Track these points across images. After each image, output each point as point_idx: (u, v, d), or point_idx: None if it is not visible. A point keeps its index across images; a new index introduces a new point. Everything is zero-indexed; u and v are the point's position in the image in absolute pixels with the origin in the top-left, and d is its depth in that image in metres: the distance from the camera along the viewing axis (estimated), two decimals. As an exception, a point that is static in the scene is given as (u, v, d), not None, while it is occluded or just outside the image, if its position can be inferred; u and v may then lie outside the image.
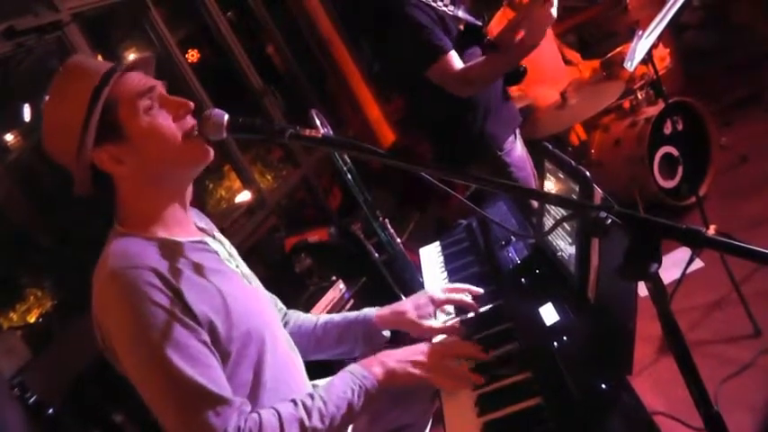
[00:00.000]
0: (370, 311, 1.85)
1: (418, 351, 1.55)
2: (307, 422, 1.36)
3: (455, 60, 2.51)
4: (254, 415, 1.35)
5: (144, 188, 1.46)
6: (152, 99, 1.44)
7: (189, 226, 1.56)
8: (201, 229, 1.62)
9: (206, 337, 1.34)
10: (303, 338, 1.85)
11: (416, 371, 1.51)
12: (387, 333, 1.84)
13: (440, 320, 1.84)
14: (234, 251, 1.70)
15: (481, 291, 1.83)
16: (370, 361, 1.53)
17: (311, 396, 1.42)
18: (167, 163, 1.45)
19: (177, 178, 1.50)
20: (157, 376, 1.29)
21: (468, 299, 1.81)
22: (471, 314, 1.80)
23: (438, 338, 1.77)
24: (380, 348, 1.85)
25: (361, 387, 1.45)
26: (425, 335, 1.78)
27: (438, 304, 1.83)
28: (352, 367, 1.51)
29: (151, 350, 1.28)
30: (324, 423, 1.38)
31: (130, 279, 1.30)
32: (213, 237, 1.63)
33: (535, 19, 2.44)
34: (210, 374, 1.31)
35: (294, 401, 1.40)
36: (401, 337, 1.87)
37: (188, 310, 1.33)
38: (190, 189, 1.56)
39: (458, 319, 1.81)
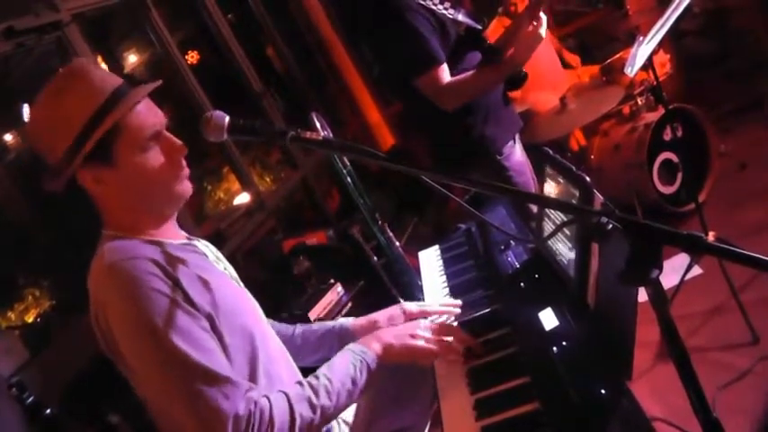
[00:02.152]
0: (347, 321, 1.92)
1: (413, 325, 1.62)
2: (315, 400, 1.38)
3: (445, 73, 2.52)
4: (263, 398, 1.35)
5: (122, 210, 1.47)
6: (155, 141, 1.45)
7: (175, 231, 1.58)
8: (187, 237, 1.63)
9: (206, 323, 1.36)
10: None
11: (413, 342, 1.56)
12: None
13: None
14: (221, 255, 1.72)
15: (458, 311, 1.85)
16: (367, 338, 1.57)
17: (316, 376, 1.44)
18: (148, 198, 1.47)
19: (156, 208, 1.51)
20: (164, 363, 1.29)
21: (442, 310, 1.85)
22: (469, 317, 1.80)
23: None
24: None
25: (362, 362, 1.48)
26: None
27: (410, 317, 1.86)
28: (352, 346, 1.54)
29: (156, 337, 1.28)
30: (331, 400, 1.40)
31: (129, 269, 1.31)
32: (199, 241, 1.65)
33: (523, 37, 2.49)
34: (215, 359, 1.32)
35: (300, 383, 1.42)
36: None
37: (188, 298, 1.34)
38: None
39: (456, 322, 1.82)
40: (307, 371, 1.87)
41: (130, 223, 1.47)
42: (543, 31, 2.48)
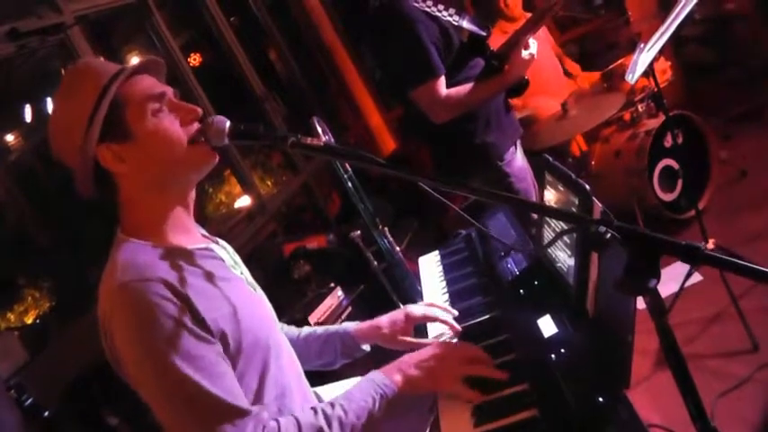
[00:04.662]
0: (350, 326, 1.88)
1: (439, 355, 1.54)
2: (326, 431, 1.35)
3: (442, 87, 2.53)
4: (273, 423, 1.34)
5: (147, 191, 1.45)
6: (161, 103, 1.44)
7: (194, 232, 1.56)
8: (205, 236, 1.62)
9: (219, 347, 1.34)
10: None
11: (439, 377, 1.50)
12: (366, 347, 1.88)
13: (432, 334, 1.86)
14: (237, 258, 1.70)
15: (456, 313, 1.84)
16: (390, 368, 1.52)
17: (332, 404, 1.41)
18: (171, 165, 1.44)
19: (180, 182, 1.49)
20: (171, 389, 1.28)
21: (445, 317, 1.82)
22: (468, 324, 1.80)
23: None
24: (361, 360, 1.89)
25: (382, 396, 1.44)
26: (401, 348, 1.81)
27: (414, 321, 1.84)
28: (374, 375, 1.50)
29: (163, 363, 1.26)
30: None
31: (140, 292, 1.29)
32: (217, 243, 1.63)
33: (517, 58, 2.54)
34: (225, 385, 1.30)
35: (314, 409, 1.39)
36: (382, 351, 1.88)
37: (199, 320, 1.32)
38: (193, 195, 1.55)
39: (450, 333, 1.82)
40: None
41: (149, 221, 1.45)
42: (534, 51, 2.57)
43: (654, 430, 2.28)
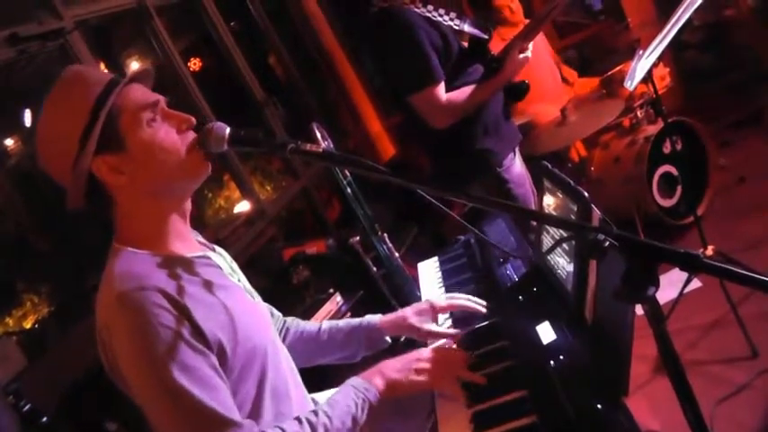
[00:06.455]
0: (374, 318, 1.91)
1: (417, 358, 1.58)
2: None
3: (441, 93, 2.53)
4: None
5: (143, 201, 1.44)
6: (155, 112, 1.43)
7: (190, 240, 1.55)
8: (202, 244, 1.62)
9: (214, 360, 1.33)
10: (307, 344, 1.89)
11: (418, 378, 1.54)
12: (388, 339, 1.90)
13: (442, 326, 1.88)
14: (235, 265, 1.69)
15: (483, 309, 1.84)
16: (371, 373, 1.54)
17: (315, 413, 1.41)
18: (167, 175, 1.43)
19: (176, 191, 1.49)
20: (166, 399, 1.28)
21: (469, 304, 1.85)
22: (467, 330, 1.81)
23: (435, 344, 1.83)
24: (381, 353, 1.88)
25: (364, 400, 1.46)
26: (426, 338, 1.85)
27: (439, 311, 1.87)
28: (354, 381, 1.51)
29: (160, 373, 1.26)
30: None
31: (138, 301, 1.29)
32: (214, 251, 1.63)
33: (512, 61, 2.59)
34: (219, 397, 1.30)
35: (299, 419, 1.39)
36: (398, 347, 1.90)
37: (197, 330, 1.31)
38: (189, 203, 1.55)
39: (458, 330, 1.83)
40: (323, 373, 1.91)
41: (146, 230, 1.45)
42: (529, 54, 2.63)
43: (653, 437, 2.28)
